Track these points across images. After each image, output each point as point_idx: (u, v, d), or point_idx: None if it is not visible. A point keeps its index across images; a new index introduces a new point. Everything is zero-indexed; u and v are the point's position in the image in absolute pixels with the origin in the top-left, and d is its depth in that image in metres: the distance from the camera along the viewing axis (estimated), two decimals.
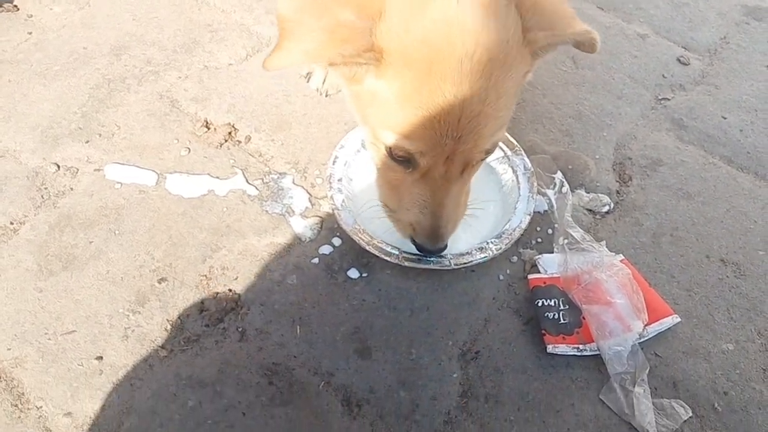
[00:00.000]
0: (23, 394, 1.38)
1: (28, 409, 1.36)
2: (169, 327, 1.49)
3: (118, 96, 1.94)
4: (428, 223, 1.44)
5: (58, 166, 1.76)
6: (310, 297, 1.57)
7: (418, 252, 1.53)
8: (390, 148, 1.35)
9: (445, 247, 1.50)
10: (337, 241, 1.67)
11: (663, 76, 2.21)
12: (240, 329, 1.50)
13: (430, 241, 1.47)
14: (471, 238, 1.63)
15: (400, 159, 1.37)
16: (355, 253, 1.64)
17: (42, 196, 1.69)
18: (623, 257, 1.64)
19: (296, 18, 1.19)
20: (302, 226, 1.69)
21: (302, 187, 1.77)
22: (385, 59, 1.22)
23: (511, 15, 1.24)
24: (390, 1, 1.20)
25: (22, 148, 1.79)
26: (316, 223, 1.69)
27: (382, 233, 1.59)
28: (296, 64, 1.77)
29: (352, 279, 1.60)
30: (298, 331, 1.51)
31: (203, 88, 1.99)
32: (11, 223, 1.64)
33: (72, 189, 1.71)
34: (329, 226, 1.70)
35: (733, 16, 2.47)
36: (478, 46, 1.19)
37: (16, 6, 2.22)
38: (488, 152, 1.40)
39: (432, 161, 1.34)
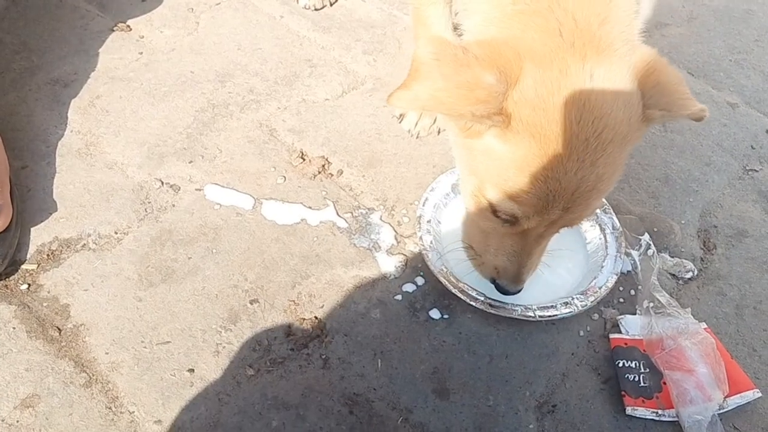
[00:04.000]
0: (117, 398, 1.44)
1: (121, 413, 1.42)
2: (257, 347, 1.54)
3: (221, 121, 2.04)
4: (514, 270, 1.48)
5: (162, 183, 1.85)
6: (391, 332, 1.61)
7: (497, 294, 1.57)
8: (494, 205, 1.38)
9: (522, 289, 1.53)
10: (420, 281, 1.71)
11: (752, 147, 2.21)
12: (323, 356, 1.55)
13: (512, 284, 1.50)
14: (552, 290, 1.66)
15: (503, 218, 1.40)
16: (437, 293, 1.68)
17: (145, 210, 1.78)
18: (707, 326, 1.64)
19: (434, 65, 1.20)
20: (387, 263, 1.73)
21: (389, 224, 1.82)
22: (513, 125, 1.24)
23: (635, 93, 1.27)
24: (527, 71, 1.22)
25: (130, 162, 1.89)
26: (401, 261, 1.74)
27: (467, 277, 1.62)
28: (421, 109, 1.83)
29: (433, 319, 1.64)
30: (379, 364, 1.55)
31: (300, 120, 2.07)
32: (116, 233, 1.73)
33: (174, 206, 1.80)
34: (413, 264, 1.74)
35: None
36: (605, 126, 1.22)
37: (129, 26, 2.36)
38: (588, 218, 1.43)
39: (535, 224, 1.37)
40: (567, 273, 1.71)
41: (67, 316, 1.56)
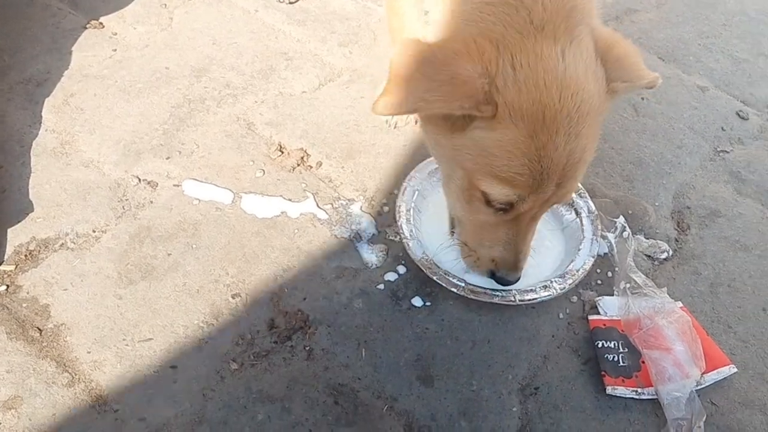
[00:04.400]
0: (101, 396, 1.44)
1: (105, 411, 1.42)
2: (240, 341, 1.55)
3: (198, 116, 2.03)
4: (512, 258, 1.50)
5: (139, 179, 1.84)
6: (375, 322, 1.62)
7: (486, 285, 1.59)
8: (489, 195, 1.39)
9: (520, 277, 1.55)
10: (402, 269, 1.72)
11: (722, 128, 2.25)
12: (307, 348, 1.56)
13: (512, 273, 1.52)
14: (531, 274, 1.67)
15: (499, 206, 1.41)
16: (419, 281, 1.69)
17: (123, 207, 1.78)
18: (682, 305, 1.67)
19: (414, 67, 1.22)
20: (369, 252, 1.74)
21: (369, 214, 1.83)
22: (499, 112, 1.26)
23: (600, 67, 1.32)
24: (504, 59, 1.25)
25: (106, 160, 1.88)
26: (382, 251, 1.75)
27: (448, 264, 1.64)
28: (408, 113, 1.84)
29: (416, 307, 1.65)
30: (363, 354, 1.56)
31: (278, 113, 2.07)
32: (93, 231, 1.72)
33: (152, 202, 1.79)
34: (395, 254, 1.75)
35: None
36: (582, 99, 1.27)
37: (101, 23, 2.34)
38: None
39: (530, 205, 1.39)
40: (545, 257, 1.73)
41: (47, 317, 1.55)
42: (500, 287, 1.60)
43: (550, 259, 1.74)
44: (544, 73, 1.24)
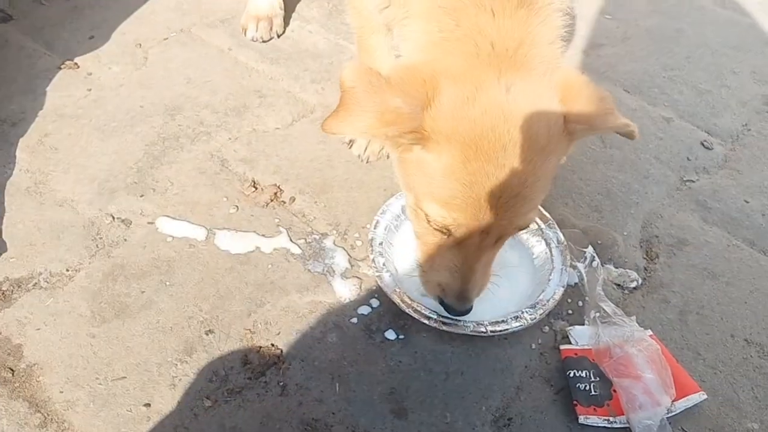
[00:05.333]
0: None
1: None
2: (214, 378, 1.55)
3: (172, 154, 2.05)
4: (457, 286, 1.53)
5: (113, 218, 1.85)
6: (348, 355, 1.63)
7: (446, 313, 1.60)
8: (428, 215, 1.44)
9: (471, 309, 1.57)
10: (375, 303, 1.74)
11: (687, 158, 2.31)
12: (281, 383, 1.56)
13: (457, 302, 1.55)
14: (501, 305, 1.70)
15: (437, 227, 1.46)
16: (392, 314, 1.71)
17: (97, 246, 1.78)
18: (652, 333, 1.70)
19: (353, 92, 1.31)
20: (342, 286, 1.76)
21: (343, 248, 1.85)
22: (434, 138, 1.33)
23: (555, 106, 1.36)
24: (443, 89, 1.31)
25: (80, 199, 1.89)
26: (356, 284, 1.77)
27: (420, 297, 1.66)
28: (349, 134, 1.90)
29: (389, 340, 1.67)
30: (337, 388, 1.56)
31: (251, 150, 2.10)
32: (67, 270, 1.72)
33: (126, 240, 1.80)
34: (368, 287, 1.77)
35: (754, 105, 2.58)
36: (522, 135, 1.31)
37: (76, 63, 2.36)
38: (521, 228, 1.51)
39: (467, 233, 1.43)
40: (516, 288, 1.76)
41: (20, 357, 1.55)
42: (471, 319, 1.62)
43: (520, 290, 1.77)
44: (483, 104, 1.30)
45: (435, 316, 1.63)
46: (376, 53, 1.94)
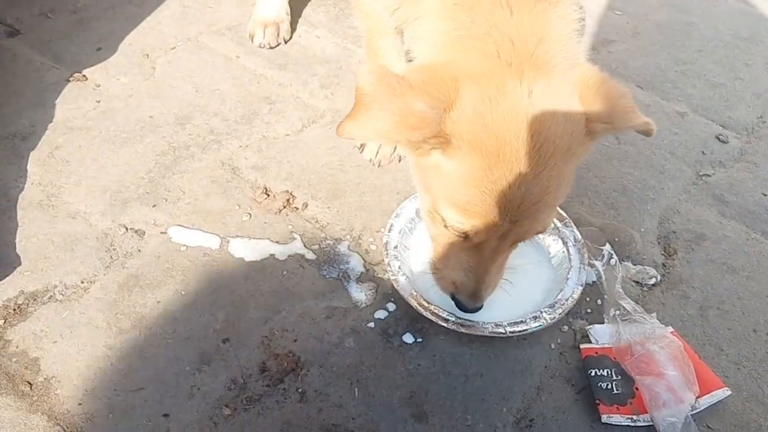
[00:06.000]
0: None
1: None
2: (232, 386, 1.54)
3: (183, 163, 2.05)
4: (471, 285, 1.52)
5: (126, 228, 1.85)
6: (366, 360, 1.61)
7: (466, 314, 1.59)
8: (447, 220, 1.42)
9: (482, 307, 1.56)
10: (391, 306, 1.72)
11: (703, 152, 2.29)
12: (300, 390, 1.55)
13: (470, 300, 1.54)
14: (519, 305, 1.68)
15: (455, 232, 1.44)
16: (409, 318, 1.69)
17: (111, 257, 1.78)
18: (673, 329, 1.67)
19: (372, 95, 1.26)
20: (358, 291, 1.75)
21: (357, 253, 1.84)
22: (455, 143, 1.30)
23: (576, 107, 1.32)
24: (465, 91, 1.28)
25: (92, 211, 1.89)
26: (371, 289, 1.76)
27: (438, 299, 1.64)
28: (366, 139, 1.89)
29: (407, 344, 1.65)
30: (356, 393, 1.55)
31: (262, 157, 2.09)
32: (82, 282, 1.72)
33: (140, 250, 1.80)
34: (384, 291, 1.75)
35: None
36: (544, 140, 1.28)
37: (84, 76, 2.36)
38: (539, 232, 1.49)
39: (485, 237, 1.41)
40: (534, 288, 1.74)
41: (37, 370, 1.54)
42: (489, 320, 1.61)
43: (538, 290, 1.75)
44: (506, 109, 1.27)
45: (453, 319, 1.62)
46: (386, 56, 1.92)
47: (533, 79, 1.29)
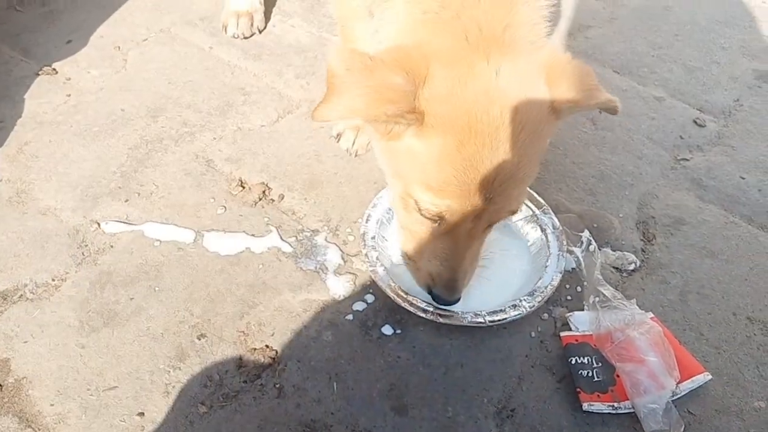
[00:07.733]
0: None
1: None
2: (208, 383, 1.51)
3: (156, 156, 2.01)
4: (447, 276, 1.51)
5: (98, 224, 1.81)
6: (345, 353, 1.59)
7: (434, 302, 1.58)
8: (420, 203, 1.41)
9: (459, 299, 1.55)
10: (370, 298, 1.70)
11: (680, 137, 2.28)
12: (277, 385, 1.52)
13: (447, 292, 1.53)
14: (498, 294, 1.67)
15: (429, 216, 1.43)
16: (388, 309, 1.67)
17: (83, 254, 1.74)
18: (653, 315, 1.67)
19: (346, 75, 1.26)
20: (336, 283, 1.72)
21: (335, 244, 1.81)
22: (427, 121, 1.31)
23: (542, 85, 1.35)
24: (435, 71, 1.29)
25: (63, 207, 1.85)
26: (350, 280, 1.73)
27: (416, 290, 1.62)
28: (342, 118, 1.87)
29: (386, 336, 1.63)
30: (335, 387, 1.53)
31: (237, 149, 2.06)
32: (53, 280, 1.68)
33: (112, 246, 1.76)
34: (362, 282, 1.73)
35: (745, 80, 2.55)
36: (513, 116, 1.30)
37: (54, 69, 2.31)
38: (512, 212, 1.50)
39: (460, 219, 1.40)
40: (513, 276, 1.73)
41: (7, 371, 1.50)
42: (468, 309, 1.59)
43: (517, 278, 1.73)
44: (475, 87, 1.29)
45: (432, 309, 1.60)
46: (361, 41, 1.90)
47: (500, 60, 1.31)
